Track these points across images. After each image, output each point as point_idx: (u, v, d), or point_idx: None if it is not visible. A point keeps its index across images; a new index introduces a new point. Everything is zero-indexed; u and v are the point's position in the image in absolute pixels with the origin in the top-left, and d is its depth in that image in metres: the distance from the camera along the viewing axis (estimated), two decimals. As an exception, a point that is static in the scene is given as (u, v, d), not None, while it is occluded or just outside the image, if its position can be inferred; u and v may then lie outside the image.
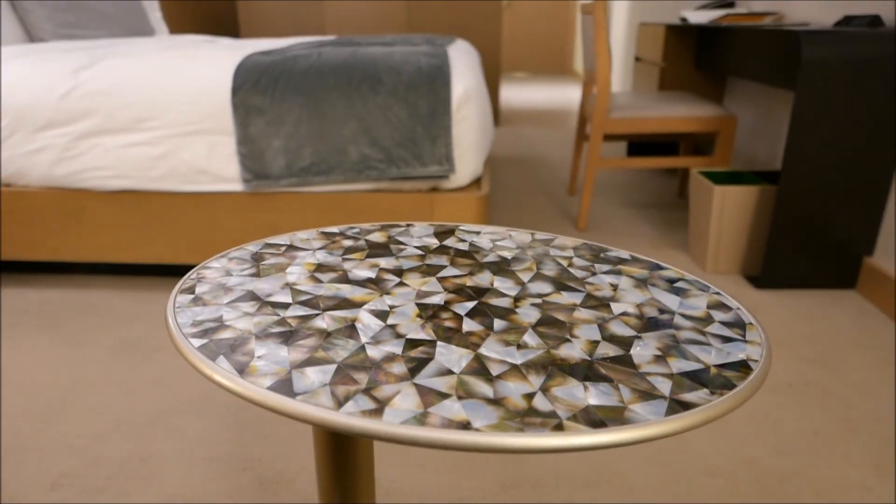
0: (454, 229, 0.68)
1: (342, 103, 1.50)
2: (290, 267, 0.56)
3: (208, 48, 2.15)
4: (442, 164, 1.51)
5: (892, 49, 1.48)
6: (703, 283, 0.56)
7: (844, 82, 1.51)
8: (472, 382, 0.39)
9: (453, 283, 0.54)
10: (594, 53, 2.02)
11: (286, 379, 0.39)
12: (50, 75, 1.57)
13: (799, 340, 1.45)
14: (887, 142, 1.55)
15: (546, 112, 4.80)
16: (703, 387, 0.40)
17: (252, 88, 1.51)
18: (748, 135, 2.50)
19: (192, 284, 0.52)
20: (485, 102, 1.69)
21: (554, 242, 0.65)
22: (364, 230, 0.67)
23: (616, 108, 2.07)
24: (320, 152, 1.53)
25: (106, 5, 2.35)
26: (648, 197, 2.57)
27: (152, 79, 1.55)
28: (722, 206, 1.74)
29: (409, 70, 1.51)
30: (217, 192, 1.60)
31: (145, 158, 1.56)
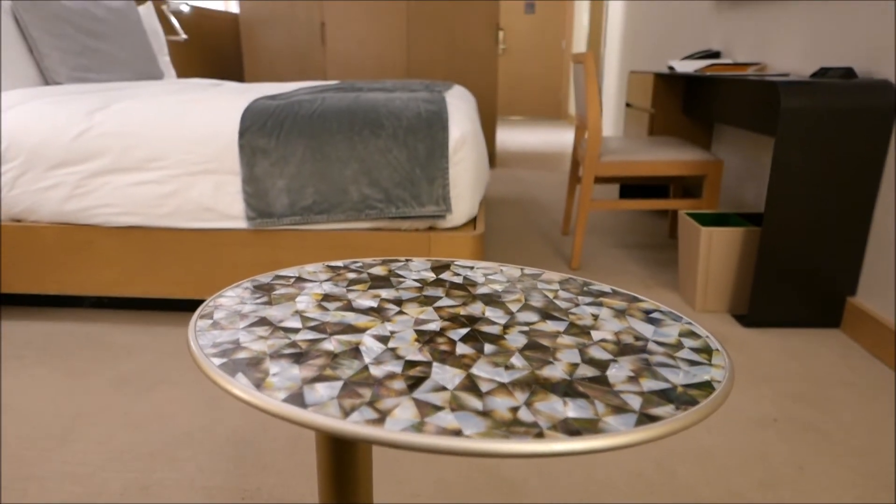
0: (450, 264, 0.73)
1: (344, 146, 1.57)
2: (299, 296, 0.61)
3: (216, 91, 2.24)
4: (439, 204, 1.58)
5: (863, 99, 1.57)
6: (676, 313, 0.61)
7: (821, 130, 1.60)
8: (464, 397, 0.44)
9: (448, 312, 0.59)
10: (585, 100, 2.11)
11: (298, 393, 0.44)
12: (65, 116, 1.64)
13: (785, 377, 1.49)
14: (864, 186, 1.63)
15: (541, 155, 4.91)
16: (670, 403, 0.44)
17: (258, 131, 1.59)
18: (735, 178, 2.58)
19: (210, 311, 0.57)
20: (480, 146, 1.76)
21: (542, 277, 0.70)
22: (366, 264, 0.72)
23: (607, 152, 2.15)
24: (322, 192, 1.59)
25: (118, 50, 2.45)
26: (640, 237, 2.64)
27: (163, 121, 1.63)
28: (709, 247, 1.80)
29: (409, 115, 1.59)
30: (221, 229, 1.65)
31: (153, 196, 1.63)
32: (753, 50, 2.41)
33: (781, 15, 2.18)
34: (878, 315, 1.60)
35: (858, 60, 1.73)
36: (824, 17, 1.90)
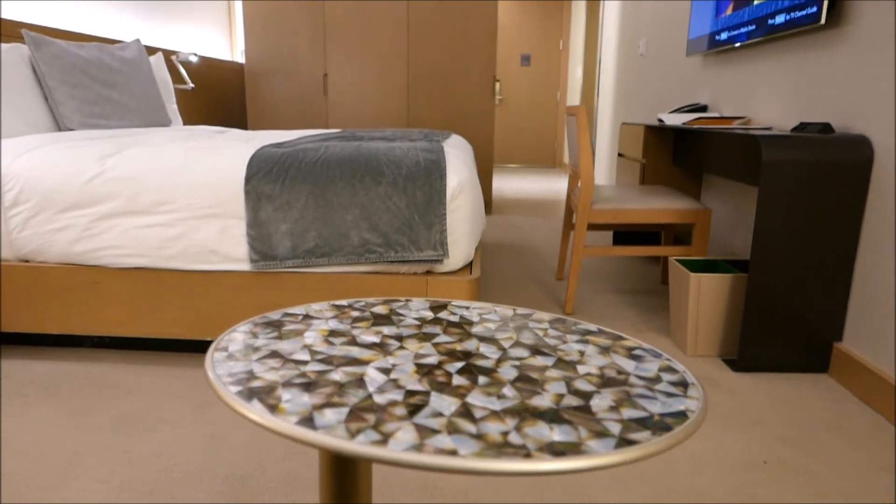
0: (447, 304, 0.78)
1: (346, 192, 1.64)
2: (307, 332, 0.66)
3: (222, 139, 2.32)
4: (436, 249, 1.63)
5: (841, 153, 1.65)
6: (657, 350, 0.66)
7: (802, 181, 1.67)
8: (460, 422, 0.48)
9: (445, 347, 0.64)
10: (578, 151, 2.20)
11: (308, 417, 0.48)
12: (79, 161, 1.71)
13: (774, 421, 1.52)
14: (845, 235, 1.69)
15: (536, 202, 5.01)
16: (647, 429, 0.49)
17: (264, 177, 1.65)
18: (724, 225, 2.66)
19: (225, 345, 0.62)
20: (477, 193, 1.83)
21: (533, 317, 0.75)
22: (369, 303, 0.77)
23: (599, 200, 2.23)
24: (324, 236, 1.65)
25: (129, 98, 2.55)
26: (633, 283, 2.69)
27: (173, 166, 1.70)
28: (698, 293, 1.85)
29: (409, 164, 1.66)
30: (225, 271, 1.70)
31: (160, 238, 1.68)
32: (739, 104, 2.51)
33: (764, 72, 2.29)
34: (865, 361, 1.64)
35: (836, 116, 1.83)
36: (804, 75, 2.01)
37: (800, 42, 2.04)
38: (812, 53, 1.96)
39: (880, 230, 1.62)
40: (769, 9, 2.10)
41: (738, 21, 2.35)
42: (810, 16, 1.84)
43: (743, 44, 2.33)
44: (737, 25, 2.36)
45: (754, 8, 2.21)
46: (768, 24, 2.10)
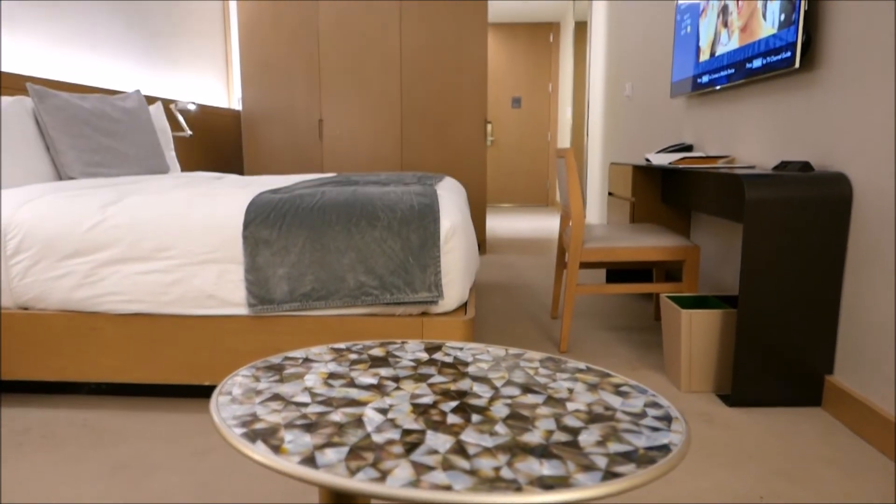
0: (441, 346, 0.81)
1: (342, 236, 1.68)
2: (307, 375, 0.68)
3: (220, 185, 2.37)
4: (431, 290, 1.66)
5: (821, 190, 1.71)
6: (642, 387, 0.68)
7: (784, 218, 1.72)
8: (454, 459, 0.51)
9: (440, 387, 0.66)
10: (568, 192, 2.25)
11: (310, 457, 0.50)
12: (80, 209, 1.75)
13: (769, 456, 1.53)
14: (829, 269, 1.73)
15: (529, 240, 5.07)
16: (632, 463, 0.52)
17: (262, 223, 1.69)
18: (713, 260, 2.70)
19: (229, 388, 0.65)
20: (470, 235, 1.87)
21: (524, 356, 0.78)
22: (366, 346, 0.80)
23: (590, 239, 2.27)
24: (321, 279, 1.68)
25: (129, 147, 2.61)
26: (626, 320, 2.72)
27: (173, 213, 1.74)
28: (690, 329, 1.88)
29: (403, 207, 1.71)
30: (223, 316, 1.72)
31: (159, 284, 1.71)
32: (722, 143, 2.59)
33: (745, 112, 2.37)
34: (856, 393, 1.66)
35: (814, 155, 1.89)
36: (783, 116, 2.08)
37: (777, 84, 2.12)
38: (789, 95, 2.04)
39: (864, 264, 1.67)
40: (746, 53, 2.19)
41: (718, 65, 2.44)
42: (785, 60, 1.92)
43: (723, 86, 2.42)
44: (717, 69, 2.45)
45: (732, 53, 2.31)
46: (746, 68, 2.19)
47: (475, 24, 4.10)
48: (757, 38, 2.12)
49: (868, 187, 1.65)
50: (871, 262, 1.64)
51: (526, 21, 7.64)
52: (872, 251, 1.63)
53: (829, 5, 1.83)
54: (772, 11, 2.02)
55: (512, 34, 7.71)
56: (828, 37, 1.83)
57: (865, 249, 1.66)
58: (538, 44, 7.71)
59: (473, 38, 4.12)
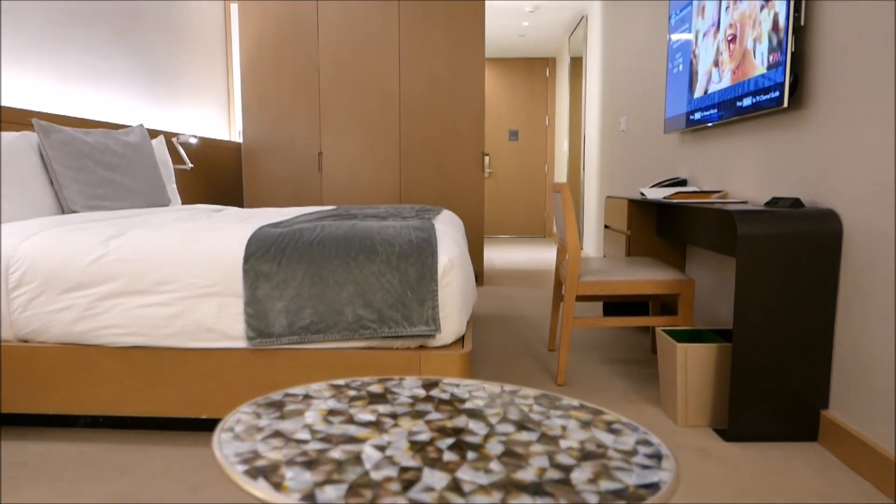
0: (438, 382, 0.83)
1: (341, 270, 1.70)
2: (307, 412, 0.70)
3: (221, 218, 2.40)
4: (429, 324, 1.68)
5: (811, 226, 1.74)
6: (634, 424, 0.70)
7: (776, 253, 1.75)
8: (449, 496, 0.52)
9: (437, 424, 0.68)
10: (564, 226, 2.29)
11: (310, 493, 0.52)
12: (83, 243, 1.77)
13: (766, 491, 1.53)
14: (822, 304, 1.76)
15: (527, 271, 5.10)
16: (623, 500, 0.53)
17: (262, 256, 1.72)
18: (709, 293, 2.73)
19: (231, 425, 0.66)
20: (467, 268, 1.90)
21: (519, 393, 0.80)
22: (365, 382, 0.81)
23: (587, 272, 2.30)
24: (320, 313, 1.70)
25: (132, 180, 2.65)
26: (623, 353, 2.73)
27: (175, 246, 1.76)
28: (685, 363, 1.90)
29: (401, 242, 1.74)
30: (222, 349, 1.74)
31: (159, 317, 1.72)
32: (716, 178, 2.64)
33: (737, 149, 2.43)
34: (851, 429, 1.67)
35: (805, 191, 1.93)
36: (774, 152, 2.13)
37: (768, 122, 2.18)
38: (779, 133, 2.09)
39: (855, 299, 1.69)
40: (737, 92, 2.25)
41: (710, 103, 2.50)
42: (774, 99, 1.98)
43: (715, 123, 2.48)
44: (709, 107, 2.52)
45: (723, 91, 2.37)
46: (737, 107, 2.25)
47: (473, 59, 4.19)
48: (747, 78, 2.18)
49: (857, 224, 1.68)
50: (862, 297, 1.66)
51: (523, 56, 7.80)
52: (863, 286, 1.66)
53: (815, 47, 1.89)
54: (760, 52, 2.08)
55: (509, 68, 7.86)
56: (815, 77, 1.89)
57: (857, 285, 1.69)
58: (535, 78, 7.86)
59: (471, 73, 4.21)
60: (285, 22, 4.23)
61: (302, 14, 4.22)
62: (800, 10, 1.93)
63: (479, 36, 4.17)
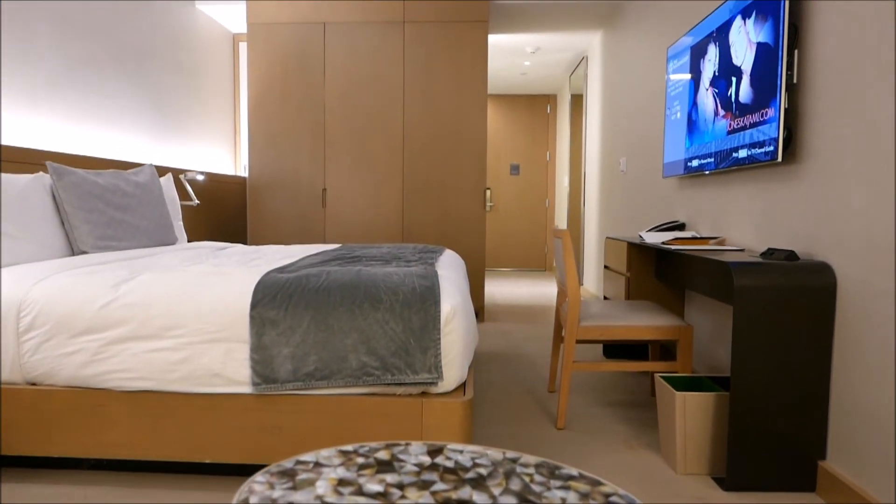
0: (443, 448, 0.86)
1: (346, 317, 1.74)
2: (318, 481, 0.73)
3: (226, 258, 2.45)
4: (431, 372, 1.71)
5: (806, 279, 1.78)
6: (631, 497, 0.73)
7: (772, 305, 1.79)
8: (456, 577, 0.55)
9: (442, 496, 0.71)
10: (564, 272, 2.33)
11: (324, 574, 0.55)
12: (94, 287, 1.81)
13: (763, 544, 1.54)
14: (818, 356, 1.79)
15: (527, 307, 5.12)
16: (619, 582, 0.56)
17: (269, 303, 1.76)
18: (709, 338, 2.75)
19: (246, 497, 0.69)
20: (470, 315, 1.93)
21: (520, 461, 0.83)
22: (372, 448, 0.85)
23: (587, 317, 2.33)
24: (324, 359, 1.73)
25: (140, 220, 2.70)
26: (623, 395, 2.74)
27: (184, 291, 1.80)
28: (684, 411, 1.92)
29: (405, 290, 1.78)
30: (227, 394, 1.76)
31: (167, 362, 1.75)
32: (713, 224, 2.69)
33: (734, 197, 2.48)
34: (849, 481, 1.69)
35: (799, 244, 1.98)
36: (770, 203, 2.18)
37: (763, 174, 2.23)
38: (774, 185, 2.15)
39: (851, 351, 1.72)
40: (733, 143, 2.31)
41: (707, 151, 2.57)
42: (768, 153, 2.04)
43: (712, 171, 2.54)
44: (706, 155, 2.58)
45: (720, 141, 2.44)
46: (733, 157, 2.31)
47: (476, 98, 4.29)
48: (742, 130, 2.24)
49: (851, 277, 1.72)
50: (857, 350, 1.69)
51: (524, 93, 7.94)
52: (858, 339, 1.69)
53: (808, 104, 1.96)
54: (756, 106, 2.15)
55: (511, 104, 8.00)
56: (809, 133, 1.95)
57: (852, 337, 1.72)
58: (536, 114, 7.99)
59: (474, 111, 4.30)
60: (292, 60, 4.34)
61: (309, 53, 4.33)
62: (792, 69, 2.00)
63: (482, 75, 4.27)
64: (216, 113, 4.80)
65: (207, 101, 4.65)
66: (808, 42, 1.96)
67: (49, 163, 2.39)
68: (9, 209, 2.16)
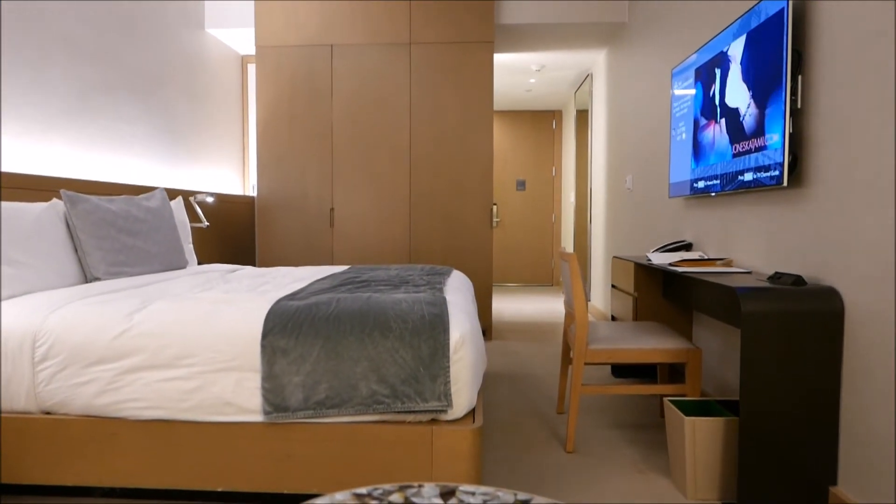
0: (455, 490, 0.87)
1: (356, 346, 1.75)
2: (333, 529, 0.75)
3: (237, 282, 2.47)
4: (441, 400, 1.72)
5: (814, 304, 1.79)
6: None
7: (780, 331, 1.80)
8: None
9: (456, 544, 0.72)
10: (572, 295, 2.34)
11: None
12: (108, 317, 1.84)
13: (775, 573, 1.54)
14: (827, 380, 1.79)
15: (535, 324, 5.12)
16: None
17: (280, 332, 1.78)
18: (717, 359, 2.75)
19: (264, 546, 0.71)
20: (479, 342, 1.95)
21: (532, 502, 0.84)
22: (386, 491, 0.86)
23: (594, 339, 2.34)
24: (335, 387, 1.75)
25: (151, 245, 2.73)
26: (632, 416, 2.74)
27: (196, 321, 1.82)
28: (693, 436, 1.92)
29: (414, 318, 1.79)
30: (238, 423, 1.78)
31: (179, 391, 1.77)
32: (720, 245, 2.70)
33: (741, 218, 2.49)
34: (859, 507, 1.68)
35: (806, 268, 1.99)
36: (776, 226, 2.19)
37: (770, 197, 2.24)
38: (781, 208, 2.16)
39: (859, 377, 1.72)
40: (739, 166, 2.33)
41: (713, 173, 2.58)
42: (774, 178, 2.05)
43: (718, 193, 2.55)
44: (712, 177, 2.59)
45: (726, 163, 2.45)
46: (739, 180, 2.32)
47: (482, 117, 4.32)
48: (748, 153, 2.25)
49: (858, 303, 1.73)
50: (866, 375, 1.69)
51: (529, 108, 7.99)
52: (867, 365, 1.69)
53: (813, 129, 1.97)
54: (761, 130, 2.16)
55: (516, 120, 8.04)
56: (814, 157, 1.96)
57: (860, 362, 1.72)
58: (541, 129, 8.02)
59: (480, 130, 4.33)
60: (300, 82, 4.39)
61: (316, 74, 4.38)
62: (797, 94, 2.02)
63: (488, 94, 4.31)
64: (225, 133, 4.86)
65: (216, 121, 4.71)
66: (811, 68, 1.98)
67: (63, 191, 2.43)
68: (24, 237, 2.19)
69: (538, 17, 4.36)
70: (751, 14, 2.22)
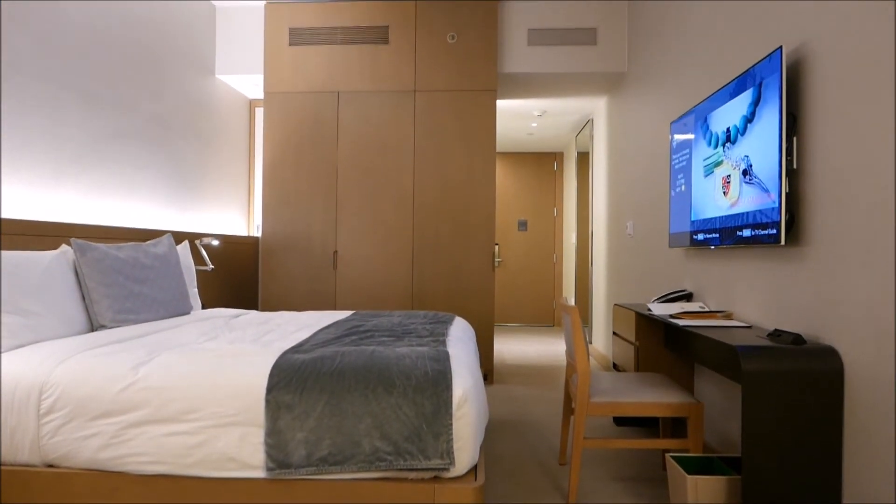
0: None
1: (360, 402, 1.77)
2: None
3: (241, 330, 2.49)
4: (443, 458, 1.73)
5: (814, 364, 1.81)
6: None
7: (780, 390, 1.81)
8: None
9: None
10: (574, 347, 2.36)
11: None
12: (114, 369, 1.86)
13: None
14: (827, 440, 1.79)
15: (536, 367, 5.11)
16: None
17: (284, 387, 1.79)
18: (718, 410, 2.75)
19: None
20: (481, 396, 1.96)
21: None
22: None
23: (597, 392, 2.34)
24: (338, 444, 1.75)
25: (158, 291, 2.76)
26: (635, 469, 2.72)
27: (201, 374, 1.84)
28: (696, 494, 1.91)
29: (418, 374, 1.81)
30: (241, 479, 1.78)
31: (183, 446, 1.78)
32: (721, 296, 2.72)
33: (741, 272, 2.52)
34: (863, 572, 1.67)
35: (805, 326, 2.01)
36: (775, 281, 2.22)
37: (769, 253, 2.28)
38: (779, 265, 2.19)
39: (862, 437, 1.73)
40: (737, 222, 2.37)
41: (712, 227, 2.62)
42: (771, 236, 2.09)
43: (717, 247, 2.59)
44: (711, 230, 2.63)
45: (725, 218, 2.49)
46: (737, 235, 2.36)
47: (484, 161, 4.39)
48: (745, 210, 2.30)
49: (858, 363, 1.74)
50: (868, 435, 1.70)
51: (531, 150, 8.10)
52: (867, 425, 1.70)
53: (809, 189, 2.02)
54: (758, 188, 2.21)
55: (518, 161, 8.15)
56: (811, 216, 2.00)
57: (861, 423, 1.73)
58: (543, 171, 8.12)
59: (483, 174, 4.40)
60: (306, 127, 4.48)
61: (322, 120, 4.48)
62: (791, 154, 2.07)
63: (491, 139, 4.39)
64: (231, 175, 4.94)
65: (223, 163, 4.79)
66: (806, 130, 2.03)
67: (74, 240, 2.47)
68: (34, 287, 2.23)
69: (540, 66, 4.48)
70: (746, 76, 2.29)
